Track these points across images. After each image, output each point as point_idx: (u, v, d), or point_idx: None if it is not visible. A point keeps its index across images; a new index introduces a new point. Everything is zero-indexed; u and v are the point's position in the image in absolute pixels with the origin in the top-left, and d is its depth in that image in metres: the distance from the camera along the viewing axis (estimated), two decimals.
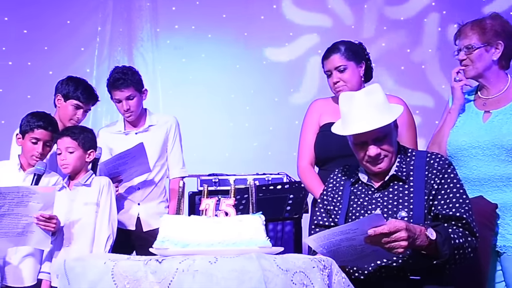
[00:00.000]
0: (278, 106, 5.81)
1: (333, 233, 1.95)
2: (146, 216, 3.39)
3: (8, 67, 5.65)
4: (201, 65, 5.76)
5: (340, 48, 2.93)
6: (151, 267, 1.70)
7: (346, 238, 1.94)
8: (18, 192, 2.72)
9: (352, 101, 2.24)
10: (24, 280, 2.88)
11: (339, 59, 2.91)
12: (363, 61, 2.96)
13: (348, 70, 2.90)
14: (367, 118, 2.19)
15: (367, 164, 2.26)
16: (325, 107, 3.02)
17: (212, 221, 1.92)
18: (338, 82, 2.91)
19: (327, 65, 2.95)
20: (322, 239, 1.96)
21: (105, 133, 3.50)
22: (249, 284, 1.64)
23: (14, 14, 5.65)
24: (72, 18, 5.72)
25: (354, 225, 1.95)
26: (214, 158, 5.46)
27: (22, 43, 5.66)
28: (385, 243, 1.95)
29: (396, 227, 1.94)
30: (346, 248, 1.98)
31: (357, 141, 2.25)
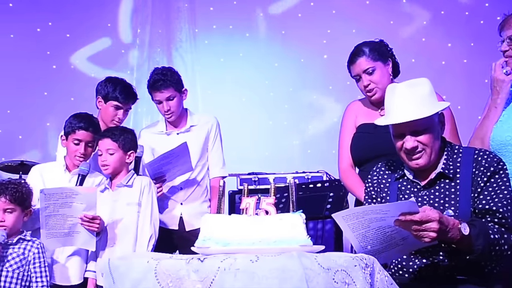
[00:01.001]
0: (317, 103, 5.78)
1: (363, 211, 1.91)
2: (188, 216, 3.42)
3: (52, 70, 5.80)
4: (239, 64, 5.79)
5: (365, 50, 2.89)
6: (193, 266, 1.71)
7: (376, 218, 1.90)
8: (62, 193, 2.79)
9: (395, 92, 2.22)
10: (71, 279, 2.95)
11: (366, 61, 2.87)
12: (388, 58, 2.91)
13: (377, 71, 2.87)
14: (406, 109, 2.16)
15: (405, 157, 2.22)
16: (360, 108, 3.00)
17: (253, 220, 1.92)
18: (369, 84, 2.87)
19: (354, 69, 2.92)
20: (351, 217, 1.91)
21: (147, 133, 3.54)
22: (291, 283, 1.64)
23: (58, 19, 5.79)
24: (112, 21, 5.83)
25: (386, 207, 1.92)
26: (253, 157, 5.47)
27: (65, 47, 5.80)
28: (414, 230, 1.92)
29: (429, 217, 1.90)
30: (375, 231, 1.93)
31: (396, 132, 2.22)
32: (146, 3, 5.80)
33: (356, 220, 1.92)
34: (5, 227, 2.69)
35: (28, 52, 5.73)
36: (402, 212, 1.89)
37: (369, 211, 1.91)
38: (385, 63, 2.89)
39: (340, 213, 1.93)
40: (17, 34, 5.78)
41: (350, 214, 1.92)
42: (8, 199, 2.71)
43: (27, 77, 5.71)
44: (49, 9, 5.82)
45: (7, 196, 2.71)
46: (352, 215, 1.91)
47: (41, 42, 5.79)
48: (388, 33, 3.09)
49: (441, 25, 5.70)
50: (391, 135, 2.26)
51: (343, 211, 1.94)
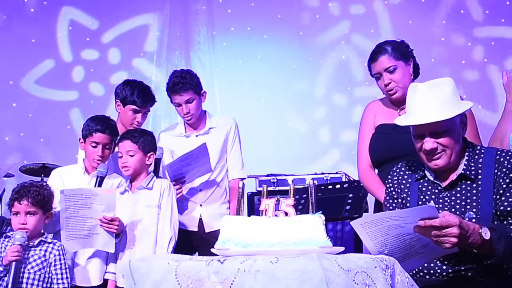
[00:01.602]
0: (335, 105, 5.77)
1: (381, 219, 1.89)
2: (208, 218, 3.43)
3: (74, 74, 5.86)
4: (258, 66, 5.80)
5: (387, 48, 2.87)
6: (213, 267, 1.72)
7: (395, 225, 1.87)
8: (81, 194, 2.81)
9: (416, 91, 2.20)
10: (91, 280, 2.97)
11: (388, 59, 2.85)
12: (410, 59, 2.89)
13: (398, 70, 2.84)
14: (427, 110, 2.13)
15: (424, 158, 2.20)
16: (379, 108, 2.98)
17: (272, 221, 1.92)
18: (390, 83, 2.85)
19: (375, 67, 2.90)
20: (369, 224, 1.90)
21: (166, 136, 3.56)
22: (311, 284, 1.63)
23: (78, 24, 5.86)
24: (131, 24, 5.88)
25: (405, 213, 1.90)
26: (272, 158, 5.48)
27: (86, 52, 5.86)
28: (435, 236, 1.90)
29: (449, 222, 1.88)
30: (394, 239, 1.91)
31: (416, 132, 2.20)
32: (164, 6, 5.84)
33: (374, 228, 1.90)
34: (26, 229, 2.72)
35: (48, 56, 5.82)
36: (421, 218, 1.87)
37: (388, 217, 1.89)
38: (407, 62, 2.87)
39: (358, 221, 1.92)
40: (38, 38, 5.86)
41: (368, 221, 1.90)
42: (30, 202, 2.74)
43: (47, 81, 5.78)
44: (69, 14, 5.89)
45: (29, 199, 2.74)
46: (371, 222, 1.89)
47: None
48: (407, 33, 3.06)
49: (461, 25, 5.65)
50: (411, 135, 2.24)
51: (361, 219, 1.92)
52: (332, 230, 4.07)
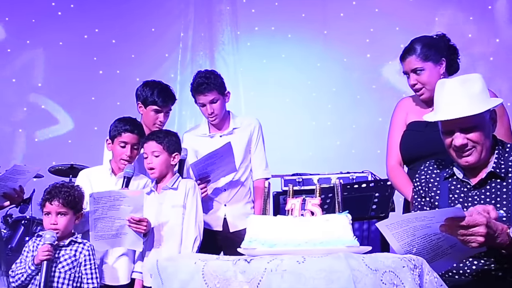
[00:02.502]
0: (360, 103, 5.74)
1: (407, 220, 1.86)
2: (232, 217, 3.44)
3: (99, 76, 5.94)
4: (282, 65, 5.80)
5: (416, 48, 2.82)
6: (240, 267, 1.72)
7: (421, 225, 1.85)
8: (110, 196, 2.85)
9: (444, 87, 2.17)
10: (119, 279, 3.01)
11: (415, 61, 2.81)
12: (442, 58, 2.83)
13: (425, 71, 2.80)
14: (455, 106, 2.10)
15: (454, 154, 2.17)
16: (411, 105, 2.94)
17: (299, 221, 1.92)
18: (416, 84, 2.82)
19: (404, 66, 2.87)
20: (395, 226, 1.88)
21: (190, 136, 3.58)
22: (338, 284, 1.62)
23: (104, 25, 5.93)
24: (156, 26, 5.94)
25: (431, 214, 1.87)
26: (297, 157, 5.47)
27: (111, 53, 5.93)
28: (461, 235, 1.87)
29: (476, 221, 1.85)
30: (421, 239, 1.88)
31: (445, 128, 2.17)
32: (189, 7, 5.88)
33: (400, 229, 1.88)
34: (57, 230, 2.76)
35: (75, 59, 5.90)
36: (447, 218, 1.85)
37: (414, 218, 1.86)
38: (437, 63, 2.81)
39: (384, 222, 1.90)
40: (66, 41, 5.95)
41: (394, 222, 1.88)
42: (61, 202, 2.78)
43: (75, 83, 5.87)
44: (96, 16, 5.96)
45: (60, 199, 2.78)
46: (396, 223, 1.87)
47: (88, 49, 5.95)
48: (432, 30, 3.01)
49: (488, 21, 5.57)
50: (440, 131, 2.21)
51: (386, 220, 1.90)
52: (358, 229, 4.04)
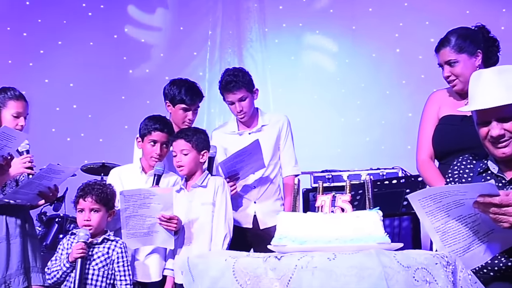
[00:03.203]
0: (390, 99, 5.68)
1: (439, 193, 1.83)
2: (262, 214, 3.44)
3: (129, 75, 6.01)
4: (310, 62, 5.77)
5: (451, 40, 2.78)
6: (271, 264, 1.72)
7: (455, 202, 1.82)
8: (140, 194, 2.88)
9: (480, 78, 2.13)
10: (151, 276, 3.04)
11: (449, 52, 2.76)
12: (478, 50, 2.78)
13: (459, 64, 2.75)
14: (492, 95, 2.06)
15: (490, 146, 2.13)
16: (444, 99, 2.88)
17: (329, 218, 1.91)
18: (450, 76, 2.78)
19: (438, 58, 2.83)
20: (427, 200, 1.82)
21: (219, 133, 3.59)
22: (369, 281, 1.61)
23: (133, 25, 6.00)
24: (184, 24, 5.97)
25: (464, 188, 1.84)
26: (326, 154, 5.45)
27: (140, 52, 6.00)
28: (493, 213, 1.83)
29: (510, 201, 1.81)
30: (456, 223, 1.85)
31: (480, 119, 2.12)
32: (217, 5, 5.90)
33: (433, 205, 1.84)
34: (90, 226, 2.81)
35: (106, 58, 5.98)
36: (481, 194, 1.81)
37: (446, 191, 1.82)
38: (473, 55, 2.76)
39: (416, 196, 1.86)
40: (96, 41, 6.03)
41: (426, 196, 1.84)
42: (94, 199, 2.83)
43: (105, 83, 5.95)
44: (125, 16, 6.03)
45: (93, 196, 2.83)
46: (429, 197, 1.84)
47: (118, 48, 6.02)
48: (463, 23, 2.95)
49: None
50: (475, 123, 2.17)
51: (418, 193, 1.86)
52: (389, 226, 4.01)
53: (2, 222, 2.89)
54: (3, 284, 2.82)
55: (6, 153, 2.71)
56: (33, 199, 2.93)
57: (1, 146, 2.66)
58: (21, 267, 2.88)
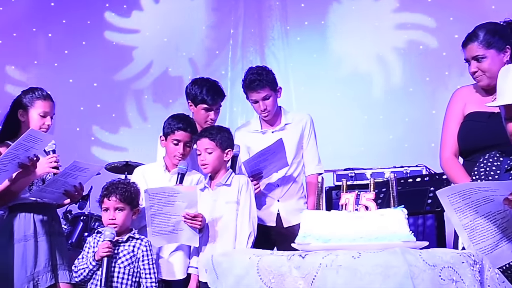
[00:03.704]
0: (413, 96, 5.63)
1: (469, 189, 1.81)
2: (286, 213, 3.44)
3: (151, 74, 6.05)
4: (332, 60, 5.74)
5: (479, 35, 2.73)
6: (295, 262, 1.72)
7: (484, 199, 1.79)
8: (164, 192, 2.90)
9: (509, 73, 2.09)
10: (175, 274, 3.06)
11: (477, 48, 2.72)
12: (507, 45, 2.72)
13: (487, 59, 2.71)
14: None
15: None
16: (470, 95, 2.84)
17: (353, 216, 1.90)
18: (476, 71, 2.74)
19: (465, 53, 2.78)
20: (456, 196, 1.80)
21: (242, 132, 3.59)
22: (394, 279, 1.60)
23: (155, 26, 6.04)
24: (207, 23, 5.99)
25: (495, 185, 1.81)
26: (349, 152, 5.43)
27: (163, 51, 6.04)
28: None
29: None
30: (484, 219, 1.83)
31: (509, 114, 2.08)
32: (239, 4, 5.91)
33: (462, 202, 1.81)
34: (115, 225, 2.84)
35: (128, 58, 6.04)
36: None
37: (476, 188, 1.80)
38: (501, 50, 2.71)
39: (445, 192, 1.84)
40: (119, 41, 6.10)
41: (455, 192, 1.82)
42: (118, 198, 2.86)
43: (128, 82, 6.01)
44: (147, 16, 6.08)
45: (118, 195, 2.86)
46: (458, 194, 1.81)
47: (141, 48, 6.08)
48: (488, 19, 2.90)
49: None
50: (503, 118, 2.13)
51: (447, 188, 1.84)
52: (413, 224, 3.98)
53: (30, 220, 2.93)
54: (32, 281, 2.87)
55: (32, 154, 2.75)
56: (59, 198, 2.97)
57: (28, 148, 2.70)
58: (48, 265, 2.93)
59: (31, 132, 2.71)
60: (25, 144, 2.68)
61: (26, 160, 2.75)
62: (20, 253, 2.87)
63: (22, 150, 2.70)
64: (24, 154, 2.71)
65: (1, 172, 2.71)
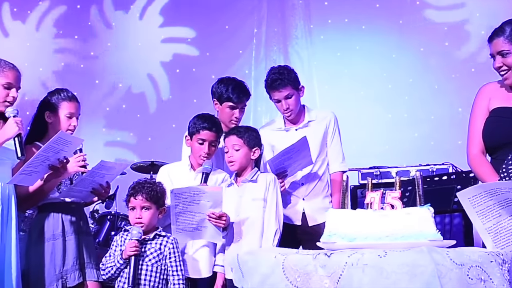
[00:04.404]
0: (439, 93, 5.56)
1: (491, 191, 1.77)
2: (311, 211, 3.43)
3: (175, 74, 6.10)
4: (356, 58, 5.71)
5: (505, 30, 2.70)
6: (320, 261, 1.72)
7: (506, 201, 1.76)
8: (190, 192, 2.93)
9: None
10: (201, 272, 3.08)
11: (502, 43, 2.69)
12: None
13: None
14: None
15: None
16: (495, 91, 2.81)
17: (379, 214, 1.90)
18: (501, 66, 2.70)
19: (490, 48, 2.76)
20: (478, 199, 1.78)
21: (266, 131, 3.59)
22: (421, 278, 1.60)
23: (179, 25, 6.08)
24: (230, 23, 6.01)
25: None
26: (373, 150, 5.39)
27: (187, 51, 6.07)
28: None
29: None
30: (508, 221, 1.79)
31: None
32: (262, 3, 5.91)
33: (484, 204, 1.79)
34: (142, 223, 2.88)
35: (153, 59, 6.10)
36: None
37: (496, 188, 1.77)
38: None
39: (465, 193, 1.81)
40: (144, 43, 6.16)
41: (477, 194, 1.79)
42: (144, 197, 2.90)
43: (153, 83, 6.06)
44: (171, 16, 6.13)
45: (144, 194, 2.90)
46: (479, 195, 1.79)
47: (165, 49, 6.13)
48: None
49: None
50: None
51: (468, 189, 1.82)
52: (440, 223, 3.94)
53: (58, 219, 2.98)
54: (60, 279, 2.92)
55: (62, 156, 2.81)
56: (86, 196, 3.02)
57: (58, 150, 2.75)
58: (76, 263, 2.97)
59: (61, 134, 2.76)
60: (55, 146, 2.74)
61: (56, 162, 2.80)
62: (49, 252, 2.92)
63: (52, 153, 2.75)
64: (54, 156, 2.77)
65: (32, 174, 2.77)
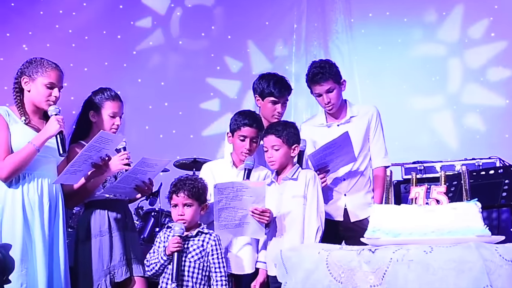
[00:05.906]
0: (485, 85, 5.43)
1: None
2: (353, 207, 3.41)
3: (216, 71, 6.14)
4: (398, 51, 5.63)
5: None
6: (365, 257, 1.71)
7: None
8: (233, 187, 2.94)
9: None
10: (244, 268, 3.10)
11: None
12: None
13: None
14: None
15: None
16: None
17: (424, 210, 1.87)
18: None
19: None
20: None
21: (308, 126, 3.58)
22: (469, 275, 1.57)
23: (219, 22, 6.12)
24: (270, 19, 6.02)
25: None
26: (416, 145, 5.32)
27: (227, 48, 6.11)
28: None
29: None
30: None
31: None
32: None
33: None
34: (184, 220, 2.91)
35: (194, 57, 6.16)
36: None
37: None
38: None
39: None
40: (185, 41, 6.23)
41: None
42: (186, 194, 2.92)
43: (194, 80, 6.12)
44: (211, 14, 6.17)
45: (186, 191, 2.92)
46: None
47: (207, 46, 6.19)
48: None
49: None
50: None
51: None
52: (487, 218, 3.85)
53: (105, 216, 3.05)
54: (108, 274, 2.98)
55: (104, 154, 2.87)
56: (130, 193, 3.08)
57: (100, 149, 2.83)
58: (123, 259, 3.03)
59: (102, 134, 2.83)
60: (97, 145, 2.81)
61: (99, 160, 2.87)
62: (96, 248, 2.99)
63: (94, 151, 2.82)
64: (96, 155, 2.84)
65: (76, 172, 2.85)
